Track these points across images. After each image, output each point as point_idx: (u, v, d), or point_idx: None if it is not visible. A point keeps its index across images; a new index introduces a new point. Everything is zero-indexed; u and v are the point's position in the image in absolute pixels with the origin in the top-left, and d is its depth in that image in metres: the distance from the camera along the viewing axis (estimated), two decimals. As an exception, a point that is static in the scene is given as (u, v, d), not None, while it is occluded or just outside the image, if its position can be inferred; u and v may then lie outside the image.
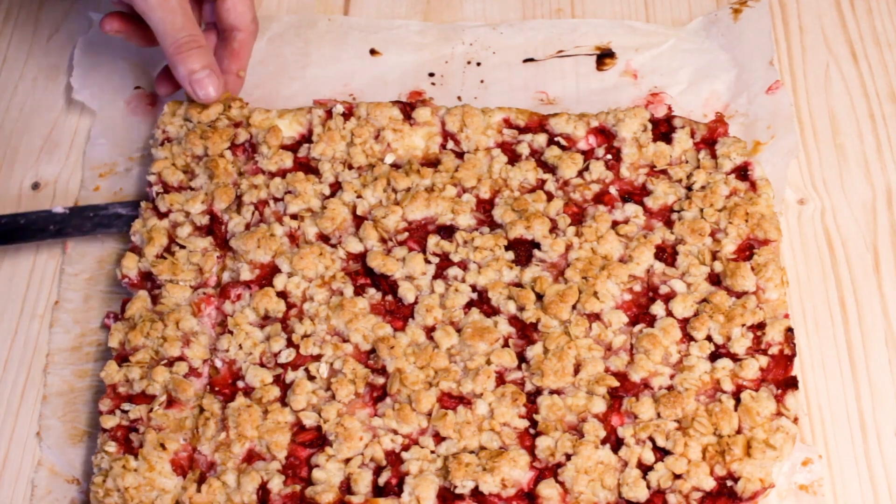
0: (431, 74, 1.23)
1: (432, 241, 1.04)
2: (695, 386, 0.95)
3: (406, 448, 0.94)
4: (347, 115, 1.12)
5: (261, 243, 1.04)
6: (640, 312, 1.00)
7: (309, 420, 0.95)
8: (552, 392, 0.96)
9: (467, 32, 1.26)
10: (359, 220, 1.06)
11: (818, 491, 0.95)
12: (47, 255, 1.12)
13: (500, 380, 0.97)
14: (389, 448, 0.94)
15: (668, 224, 1.05)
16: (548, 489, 0.90)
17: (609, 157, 1.09)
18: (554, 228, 1.05)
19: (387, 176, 1.08)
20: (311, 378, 0.97)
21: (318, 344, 0.99)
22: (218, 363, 0.99)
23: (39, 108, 1.23)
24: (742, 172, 1.07)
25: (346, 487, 0.92)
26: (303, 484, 0.92)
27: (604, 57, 1.24)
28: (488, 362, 0.97)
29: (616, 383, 0.96)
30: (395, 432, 0.94)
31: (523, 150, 1.10)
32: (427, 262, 1.03)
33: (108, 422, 0.95)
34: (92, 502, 0.93)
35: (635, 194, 1.07)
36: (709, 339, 0.98)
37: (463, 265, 1.03)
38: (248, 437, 0.94)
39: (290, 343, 0.99)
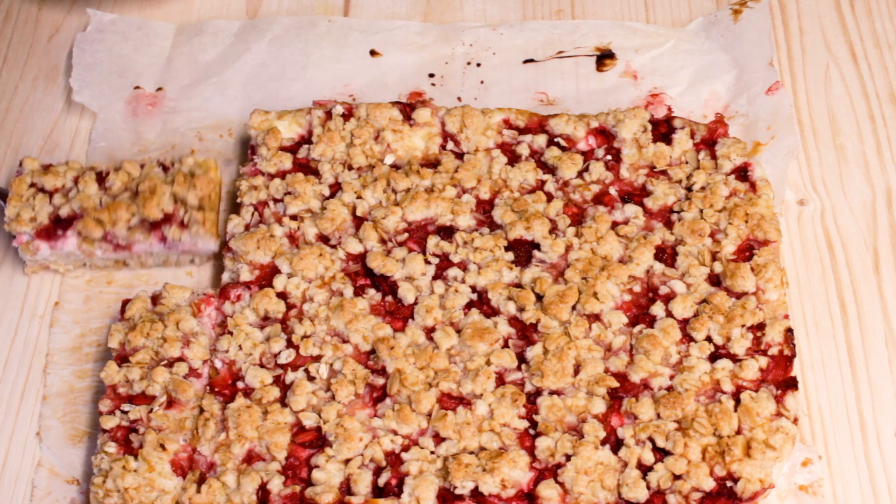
0: (431, 75, 1.23)
1: (432, 241, 1.04)
2: (694, 386, 0.95)
3: (406, 449, 0.94)
4: (347, 116, 1.12)
5: (260, 244, 1.04)
6: (639, 313, 1.00)
7: (309, 421, 0.95)
8: (552, 393, 0.96)
9: (467, 33, 1.26)
10: (358, 221, 1.06)
11: (818, 491, 0.95)
12: (47, 255, 1.12)
13: (500, 380, 0.97)
14: (389, 449, 0.94)
15: (668, 225, 1.05)
16: (547, 490, 0.90)
17: (609, 157, 1.09)
18: (554, 229, 1.05)
19: (387, 177, 1.08)
20: (310, 379, 0.97)
21: (318, 345, 0.99)
22: (218, 364, 0.99)
23: (39, 108, 1.23)
24: (742, 173, 1.07)
25: (346, 488, 0.92)
26: (303, 484, 0.92)
27: (604, 58, 1.24)
28: (488, 363, 0.97)
29: (616, 384, 0.96)
30: (395, 433, 0.94)
31: (523, 150, 1.10)
32: (427, 262, 1.03)
33: (108, 422, 0.95)
34: (92, 503, 0.93)
35: (635, 195, 1.07)
36: (708, 339, 0.98)
37: (463, 266, 1.03)
38: (247, 437, 0.94)
39: (289, 344, 0.99)
